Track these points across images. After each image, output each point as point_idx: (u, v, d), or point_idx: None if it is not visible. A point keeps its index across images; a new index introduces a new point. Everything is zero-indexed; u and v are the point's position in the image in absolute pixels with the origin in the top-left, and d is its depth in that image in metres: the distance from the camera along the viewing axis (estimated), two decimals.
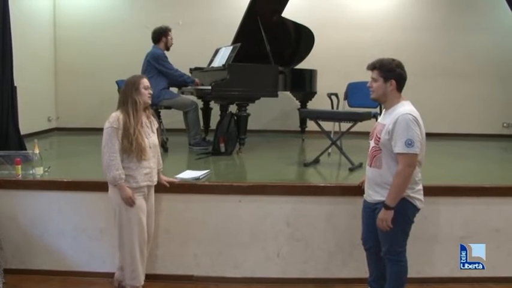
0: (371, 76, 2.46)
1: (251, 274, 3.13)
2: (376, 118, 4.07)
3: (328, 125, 4.30)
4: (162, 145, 4.21)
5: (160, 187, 2.88)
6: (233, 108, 4.68)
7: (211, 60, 5.15)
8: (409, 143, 2.27)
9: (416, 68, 5.80)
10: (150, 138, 2.68)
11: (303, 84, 5.36)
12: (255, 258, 3.12)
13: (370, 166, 2.50)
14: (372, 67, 2.44)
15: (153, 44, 4.70)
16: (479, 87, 6.34)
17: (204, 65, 5.27)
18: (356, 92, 4.63)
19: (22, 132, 4.16)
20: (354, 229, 2.74)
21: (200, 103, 5.31)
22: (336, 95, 4.78)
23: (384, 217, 2.37)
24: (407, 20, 6.29)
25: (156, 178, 2.78)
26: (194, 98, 5.10)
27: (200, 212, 3.11)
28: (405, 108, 2.35)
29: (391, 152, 2.34)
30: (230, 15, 5.73)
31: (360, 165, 3.74)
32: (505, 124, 6.38)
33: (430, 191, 2.88)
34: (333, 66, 6.10)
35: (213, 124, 5.04)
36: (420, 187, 2.45)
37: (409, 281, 2.62)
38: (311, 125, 4.96)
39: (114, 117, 2.57)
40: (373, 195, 2.48)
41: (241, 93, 4.40)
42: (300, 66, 5.49)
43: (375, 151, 2.45)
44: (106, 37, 6.33)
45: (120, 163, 2.54)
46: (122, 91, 2.67)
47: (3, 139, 3.88)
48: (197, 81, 4.84)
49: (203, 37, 6.09)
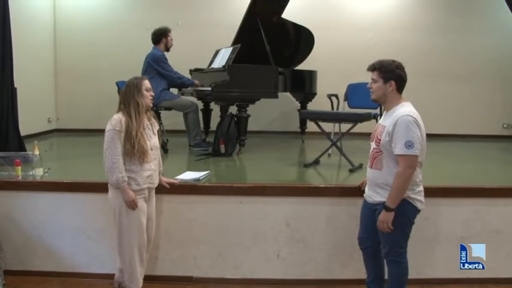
0: (371, 77, 2.46)
1: (251, 275, 3.12)
2: (376, 119, 4.07)
3: (328, 126, 4.30)
4: (162, 146, 4.21)
5: (160, 188, 2.87)
6: (233, 109, 4.67)
7: (211, 61, 5.15)
8: (409, 145, 2.27)
9: (416, 69, 5.79)
10: (152, 140, 2.67)
11: (303, 85, 5.36)
12: (255, 259, 3.12)
13: (370, 167, 2.49)
14: (372, 68, 2.45)
15: (153, 45, 4.71)
16: (479, 88, 6.33)
17: (204, 66, 5.27)
18: (356, 93, 4.63)
19: (22, 133, 4.16)
20: (354, 230, 2.74)
21: (200, 104, 5.31)
22: (336, 96, 4.78)
23: (385, 219, 2.37)
24: (407, 21, 6.29)
25: (158, 180, 2.77)
26: (194, 99, 5.11)
27: (200, 213, 3.11)
28: (405, 109, 2.35)
29: (392, 154, 2.34)
30: (230, 16, 5.73)
31: (360, 166, 3.74)
32: (505, 125, 6.37)
33: (431, 192, 2.88)
34: (333, 67, 6.09)
35: (213, 125, 5.04)
36: (421, 188, 2.44)
37: (410, 282, 2.61)
38: (311, 126, 4.97)
39: (116, 119, 2.55)
40: (373, 196, 2.48)
41: (241, 94, 4.40)
42: (300, 67, 5.50)
43: (376, 153, 2.44)
44: (106, 38, 6.33)
45: (122, 166, 2.53)
46: (123, 93, 2.64)
47: (3, 140, 3.87)
48: (197, 82, 4.84)
49: (203, 38, 6.09)
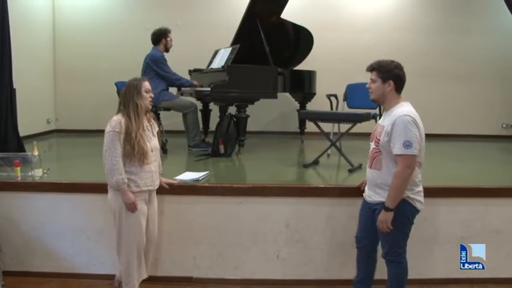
0: (370, 77, 2.47)
1: (251, 276, 3.12)
2: (375, 119, 4.07)
3: (327, 126, 4.30)
4: (162, 147, 4.19)
5: (159, 189, 2.85)
6: (232, 109, 4.67)
7: (210, 61, 5.15)
8: (407, 144, 2.27)
9: (415, 69, 5.80)
10: (152, 141, 2.66)
11: (302, 85, 5.36)
12: (255, 259, 3.12)
13: (370, 168, 2.50)
14: (371, 68, 2.45)
15: (153, 46, 4.70)
16: (478, 88, 6.34)
17: (203, 67, 5.27)
18: (355, 93, 4.63)
19: (21, 134, 4.15)
20: (354, 230, 2.73)
21: (199, 104, 5.31)
22: (335, 96, 4.79)
23: (384, 219, 2.37)
24: (406, 22, 6.29)
25: (158, 182, 2.75)
26: (193, 100, 5.10)
27: (199, 214, 3.11)
28: (404, 109, 2.35)
29: (391, 154, 2.34)
30: (229, 16, 5.73)
31: (360, 166, 3.74)
32: (504, 125, 6.38)
33: (430, 192, 2.87)
34: (332, 67, 6.09)
35: (213, 125, 5.04)
36: (420, 188, 2.44)
37: (409, 282, 2.61)
38: (310, 126, 4.97)
39: (115, 121, 2.54)
40: (373, 196, 2.48)
41: (240, 94, 4.40)
42: (299, 67, 5.51)
43: (375, 153, 2.45)
44: (105, 38, 6.32)
45: (122, 167, 2.51)
46: (123, 94, 2.62)
47: (2, 141, 3.87)
48: (195, 83, 4.84)
49: (202, 38, 6.09)
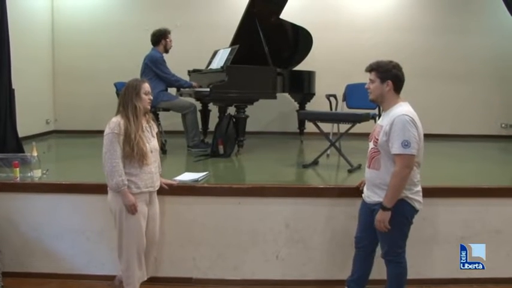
0: (369, 78, 2.48)
1: (250, 276, 3.12)
2: (374, 119, 4.07)
3: (326, 127, 4.30)
4: (161, 147, 4.19)
5: (159, 189, 2.86)
6: (232, 110, 4.67)
7: (209, 62, 5.15)
8: (406, 144, 2.27)
9: (414, 70, 5.80)
10: (151, 142, 2.65)
11: (302, 85, 5.36)
12: (254, 260, 3.11)
13: (368, 167, 2.50)
14: (370, 69, 2.47)
15: (152, 47, 4.70)
16: (477, 88, 6.35)
17: (203, 67, 5.27)
18: (354, 93, 4.63)
19: (20, 134, 4.15)
20: (353, 230, 2.73)
21: (199, 105, 5.31)
22: (335, 97, 4.79)
23: (382, 218, 2.37)
24: (405, 22, 6.30)
25: (158, 183, 2.75)
26: (193, 100, 5.10)
27: (199, 214, 3.11)
28: (402, 109, 2.35)
29: (389, 153, 2.35)
30: (228, 17, 5.73)
31: (359, 166, 3.74)
32: (503, 125, 6.38)
33: (430, 193, 2.88)
34: (332, 67, 6.10)
35: (212, 126, 5.04)
36: (419, 188, 2.44)
37: (409, 283, 2.62)
38: (310, 127, 4.98)
39: (114, 122, 2.53)
40: (371, 196, 2.48)
41: (239, 95, 4.40)
42: (299, 67, 5.51)
43: (374, 152, 2.45)
44: (104, 39, 6.32)
45: (122, 169, 2.51)
46: (122, 95, 2.62)
47: (1, 142, 3.87)
48: (194, 84, 4.83)
49: (201, 39, 6.09)
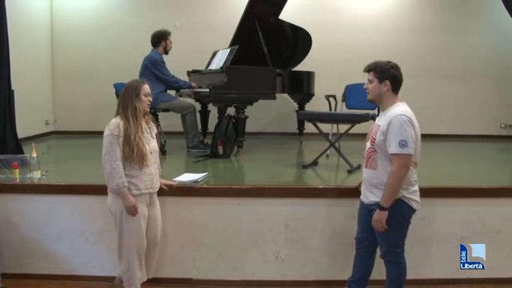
0: (367, 78, 2.49)
1: (250, 277, 3.12)
2: (374, 120, 4.07)
3: (326, 127, 4.30)
4: (160, 148, 4.20)
5: (158, 190, 2.86)
6: (231, 110, 4.67)
7: (208, 62, 5.15)
8: (403, 144, 2.27)
9: (413, 70, 5.82)
10: (151, 144, 2.65)
11: (301, 86, 5.36)
12: (254, 260, 3.11)
13: (366, 167, 2.51)
14: (368, 69, 2.48)
15: (152, 48, 4.70)
16: (476, 88, 6.36)
17: (202, 68, 5.27)
18: (354, 94, 4.64)
19: (19, 135, 4.15)
20: (353, 231, 2.73)
21: (198, 106, 5.31)
22: (334, 97, 4.79)
23: (379, 218, 2.37)
24: (404, 22, 6.31)
25: (158, 184, 2.75)
26: (192, 101, 5.10)
27: (198, 215, 3.10)
28: (400, 109, 2.36)
29: (386, 153, 2.35)
30: (228, 17, 5.73)
31: (358, 166, 3.74)
32: (503, 125, 6.39)
33: (429, 193, 2.88)
34: (331, 68, 6.10)
35: (211, 127, 5.04)
36: (416, 188, 2.45)
37: (409, 283, 2.62)
38: (309, 127, 4.98)
39: (114, 124, 2.53)
40: (369, 196, 2.49)
41: (239, 95, 4.40)
42: (298, 68, 5.51)
43: (370, 152, 2.46)
44: (103, 40, 6.32)
45: (122, 171, 2.51)
46: (122, 95, 2.61)
47: (0, 143, 3.87)
48: (194, 85, 4.83)
49: (201, 39, 6.09)
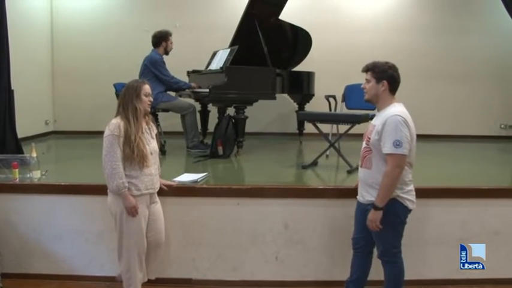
0: (365, 78, 2.50)
1: (250, 277, 3.12)
2: None
3: (326, 127, 4.30)
4: (160, 148, 4.20)
5: (158, 190, 2.86)
6: (231, 111, 4.67)
7: (208, 63, 5.15)
8: (397, 144, 2.28)
9: (413, 70, 5.84)
10: (151, 144, 2.65)
11: (301, 86, 5.36)
12: (254, 261, 3.12)
13: (361, 167, 2.52)
14: (366, 69, 2.49)
15: (153, 48, 4.69)
16: (476, 88, 6.36)
17: (202, 68, 5.27)
18: (354, 94, 4.63)
19: (19, 135, 4.15)
20: (353, 231, 2.74)
21: (198, 106, 5.31)
22: (334, 97, 4.79)
23: (373, 218, 2.38)
24: (404, 23, 6.30)
25: (158, 185, 2.75)
26: (192, 101, 5.10)
27: (198, 215, 3.11)
28: (395, 109, 2.37)
29: (381, 153, 2.36)
30: (228, 17, 5.74)
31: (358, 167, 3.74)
32: (503, 125, 6.39)
33: (428, 193, 2.89)
34: (331, 68, 6.09)
35: (211, 127, 5.04)
36: (411, 188, 2.45)
37: (407, 283, 2.62)
38: (309, 127, 4.97)
39: (114, 124, 2.52)
40: (365, 196, 2.49)
41: (239, 95, 4.40)
42: (298, 68, 5.51)
43: (366, 151, 2.47)
44: (103, 40, 6.32)
45: (123, 171, 2.50)
46: (122, 96, 2.61)
47: (0, 143, 3.86)
48: (194, 85, 4.83)
49: (201, 40, 6.09)
